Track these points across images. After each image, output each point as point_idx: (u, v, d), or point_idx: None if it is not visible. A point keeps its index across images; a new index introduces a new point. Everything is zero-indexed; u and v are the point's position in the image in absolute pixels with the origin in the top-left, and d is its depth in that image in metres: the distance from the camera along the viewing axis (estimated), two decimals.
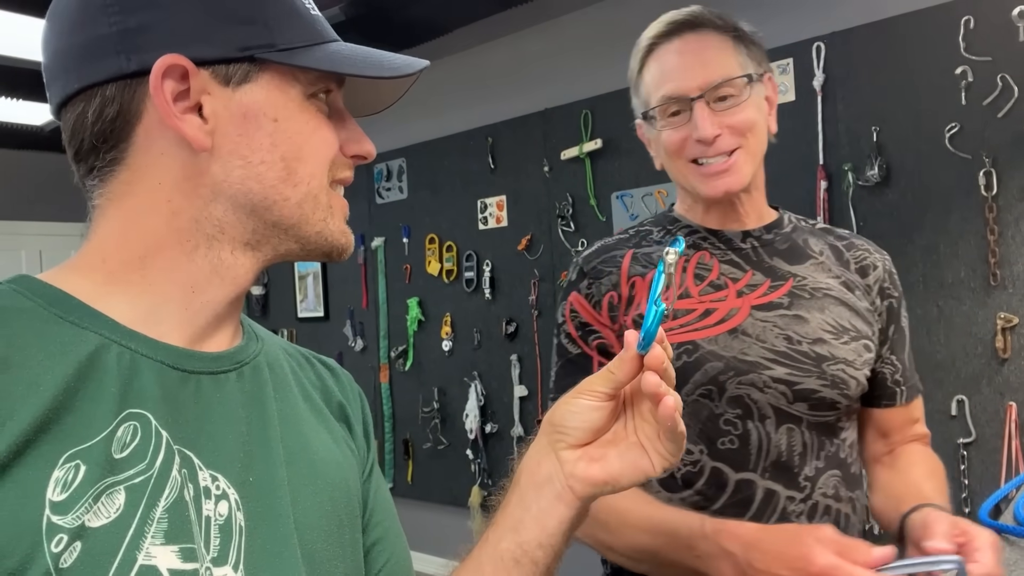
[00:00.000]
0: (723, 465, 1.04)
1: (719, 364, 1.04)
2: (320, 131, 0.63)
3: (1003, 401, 2.23)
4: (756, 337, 1.06)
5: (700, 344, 1.06)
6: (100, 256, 0.60)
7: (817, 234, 1.19)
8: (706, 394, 1.05)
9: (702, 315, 1.08)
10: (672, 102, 1.08)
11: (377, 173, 3.94)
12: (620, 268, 1.15)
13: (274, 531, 0.60)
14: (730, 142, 1.06)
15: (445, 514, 3.70)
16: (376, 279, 3.97)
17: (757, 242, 1.14)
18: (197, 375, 0.60)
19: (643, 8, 3.02)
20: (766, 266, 1.12)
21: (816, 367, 1.05)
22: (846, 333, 1.08)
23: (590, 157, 3.11)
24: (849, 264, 1.15)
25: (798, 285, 1.10)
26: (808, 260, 1.13)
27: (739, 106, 1.07)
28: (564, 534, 0.68)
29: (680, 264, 1.10)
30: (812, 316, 1.08)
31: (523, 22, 3.32)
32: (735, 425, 1.04)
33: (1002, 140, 2.23)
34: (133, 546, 0.51)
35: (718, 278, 1.11)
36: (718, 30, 1.10)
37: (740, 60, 1.09)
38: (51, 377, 0.52)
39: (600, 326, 1.13)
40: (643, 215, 2.95)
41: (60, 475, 0.50)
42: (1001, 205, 2.23)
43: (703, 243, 1.14)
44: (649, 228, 1.21)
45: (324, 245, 0.65)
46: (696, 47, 1.09)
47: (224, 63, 0.59)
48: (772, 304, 1.09)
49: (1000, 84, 2.22)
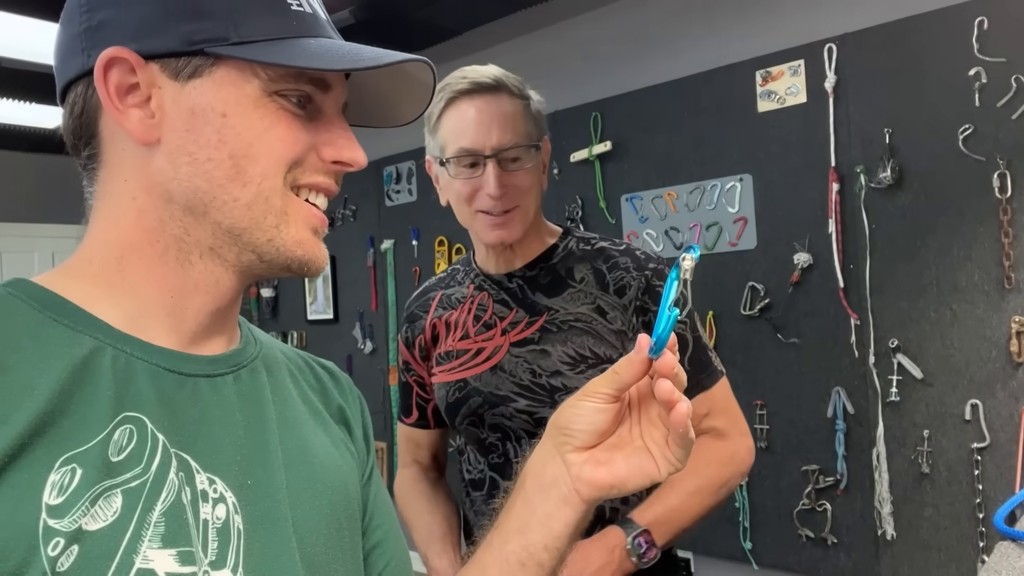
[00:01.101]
0: (495, 475, 1.27)
1: (479, 399, 1.24)
2: (276, 129, 0.59)
3: (1018, 405, 2.20)
4: (510, 372, 1.23)
5: (468, 381, 1.26)
6: (87, 258, 0.61)
7: (589, 257, 1.28)
8: (473, 422, 1.25)
9: (475, 354, 1.27)
10: (468, 155, 1.20)
11: (387, 176, 3.95)
12: (428, 313, 1.37)
13: (273, 534, 0.59)
14: (513, 200, 1.20)
15: None
16: (385, 281, 3.97)
17: (522, 280, 1.29)
18: (194, 378, 0.60)
19: (652, 10, 3.01)
20: (528, 302, 1.26)
21: (550, 397, 1.19)
22: (584, 362, 1.20)
23: (599, 159, 3.10)
24: (608, 286, 1.24)
25: (550, 319, 1.24)
26: (566, 290, 1.25)
27: (523, 171, 1.21)
28: (569, 537, 0.67)
29: (466, 307, 1.32)
30: (555, 349, 1.21)
31: (532, 24, 3.31)
32: (497, 447, 1.26)
33: (1016, 142, 2.20)
34: (130, 549, 0.51)
35: (490, 318, 1.28)
36: (513, 97, 1.23)
37: (528, 129, 1.22)
38: (46, 380, 0.52)
39: (415, 364, 1.38)
40: (652, 217, 2.93)
41: (56, 479, 0.50)
42: (1015, 207, 2.21)
43: (485, 285, 1.31)
44: (458, 268, 1.40)
45: (278, 256, 0.61)
46: (496, 110, 1.20)
47: (174, 56, 0.57)
48: (525, 340, 1.24)
49: (1014, 85, 2.19)
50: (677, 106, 2.87)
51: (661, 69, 2.95)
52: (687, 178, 2.83)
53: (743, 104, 2.68)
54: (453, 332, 1.31)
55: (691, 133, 2.83)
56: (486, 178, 1.19)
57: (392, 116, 0.70)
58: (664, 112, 2.90)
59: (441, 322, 1.33)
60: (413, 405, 1.42)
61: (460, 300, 1.34)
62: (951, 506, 2.30)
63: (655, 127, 2.93)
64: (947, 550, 2.30)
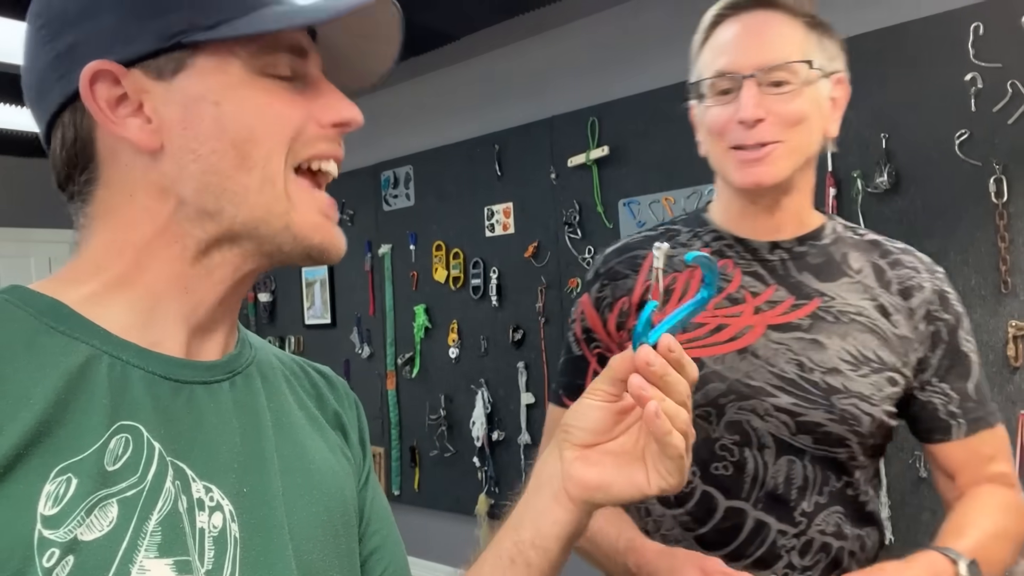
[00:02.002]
0: (714, 490, 1.00)
1: (721, 386, 0.99)
2: (273, 106, 0.58)
3: (1015, 410, 2.20)
4: (766, 360, 0.99)
5: (705, 362, 1.00)
6: (94, 266, 0.60)
7: (862, 247, 1.08)
8: (704, 415, 0.99)
9: (713, 330, 1.02)
10: (723, 78, 0.99)
11: (384, 180, 3.94)
12: (638, 272, 1.08)
13: (269, 542, 0.59)
14: (772, 132, 0.97)
15: (451, 522, 3.69)
16: (383, 286, 3.96)
17: (787, 254, 1.05)
18: (190, 385, 0.60)
19: (649, 15, 3.02)
20: (792, 281, 1.04)
21: (825, 399, 0.97)
22: (867, 364, 0.99)
23: (597, 164, 3.10)
24: (890, 284, 1.04)
25: (824, 306, 1.02)
26: (842, 278, 1.04)
27: (791, 94, 0.97)
28: (558, 538, 0.65)
29: (699, 273, 1.04)
30: (831, 342, 1.00)
31: (530, 30, 3.31)
32: (731, 452, 1.00)
33: (1012, 147, 2.21)
34: (127, 560, 0.51)
35: (737, 291, 1.03)
36: (790, 13, 1.01)
37: (806, 48, 1.00)
38: (41, 390, 0.51)
39: (603, 335, 1.10)
40: (650, 222, 2.93)
41: (51, 489, 0.49)
42: (1012, 212, 2.21)
43: (727, 251, 1.07)
44: (678, 228, 1.13)
45: (296, 245, 0.60)
46: (760, 25, 1.00)
47: (153, 57, 0.57)
48: (790, 325, 1.01)
49: (1010, 91, 2.20)
50: (674, 111, 2.87)
51: (658, 74, 2.95)
52: (684, 183, 2.84)
53: None
54: (676, 300, 1.05)
55: (688, 138, 2.80)
56: (740, 99, 0.97)
57: (361, 76, 0.69)
58: (661, 117, 2.90)
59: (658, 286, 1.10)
60: (586, 384, 1.12)
61: (687, 263, 1.13)
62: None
63: (652, 132, 2.94)
64: None
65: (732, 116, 0.98)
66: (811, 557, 1.00)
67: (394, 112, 3.90)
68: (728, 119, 0.99)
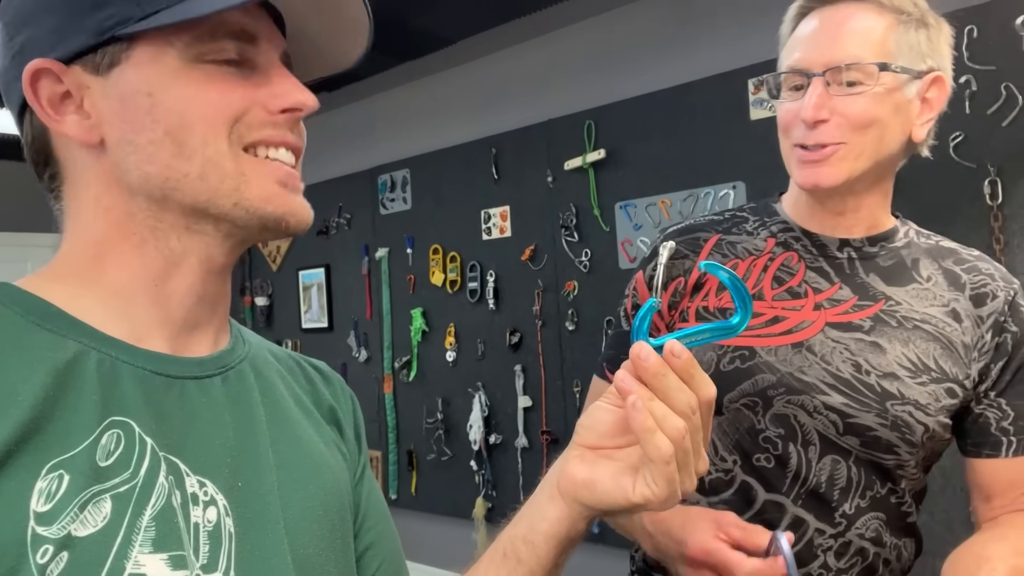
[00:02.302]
0: (754, 481, 0.99)
1: (771, 377, 0.97)
2: (205, 92, 0.58)
3: None
4: (821, 357, 0.97)
5: (757, 351, 0.98)
6: (67, 262, 0.61)
7: (934, 253, 1.05)
8: (750, 405, 0.98)
9: (769, 321, 1.00)
10: (795, 74, 0.97)
11: (381, 184, 3.95)
12: (699, 253, 1.05)
13: (264, 537, 0.59)
14: (835, 133, 0.94)
15: (449, 526, 3.68)
16: (380, 290, 3.96)
17: (856, 253, 1.03)
18: (181, 380, 0.60)
19: (646, 20, 3.03)
20: (858, 282, 1.01)
21: (878, 403, 0.95)
22: (927, 373, 0.96)
23: (593, 167, 3.10)
24: (964, 289, 1.01)
25: (888, 309, 0.99)
26: (911, 284, 1.01)
27: (862, 96, 0.93)
28: (547, 535, 0.64)
29: (761, 263, 1.03)
30: (892, 347, 0.97)
31: (526, 33, 3.32)
32: (775, 445, 0.98)
33: (1007, 149, 2.21)
34: (121, 555, 0.51)
35: (799, 285, 1.01)
36: (879, 7, 0.96)
37: (888, 47, 0.94)
38: (30, 386, 0.51)
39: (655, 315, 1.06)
40: (647, 225, 2.94)
41: (43, 486, 0.49)
42: (1007, 214, 2.22)
43: (794, 243, 1.04)
44: (745, 215, 1.10)
45: (251, 218, 0.59)
46: (839, 21, 0.95)
47: (91, 52, 0.57)
48: (851, 324, 0.98)
49: (1004, 93, 2.21)
50: (670, 114, 2.89)
51: (654, 77, 2.96)
52: (681, 185, 2.84)
53: (736, 112, 2.69)
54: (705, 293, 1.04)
55: (684, 141, 2.84)
56: (804, 98, 0.94)
57: (336, 61, 0.68)
58: (657, 120, 2.91)
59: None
60: None
61: (751, 252, 1.05)
62: (945, 512, 2.30)
63: (649, 135, 2.95)
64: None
65: (798, 113, 0.96)
66: (847, 560, 0.98)
67: (391, 116, 3.90)
68: (794, 116, 0.97)
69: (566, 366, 3.17)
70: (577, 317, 3.12)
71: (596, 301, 3.02)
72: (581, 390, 3.10)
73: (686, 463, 0.59)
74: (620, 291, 1.15)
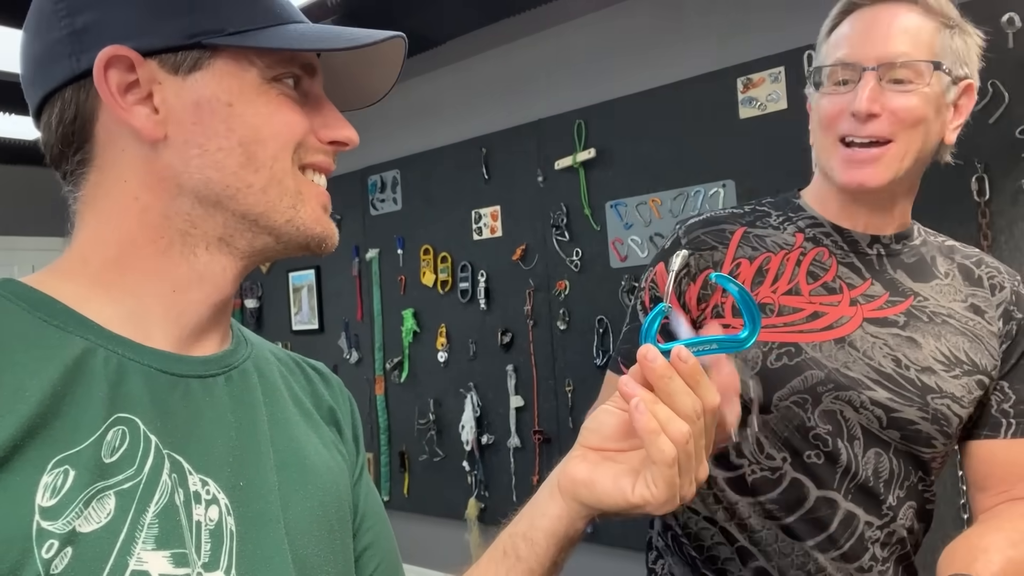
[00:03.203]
0: (805, 479, 0.98)
1: (820, 373, 0.97)
2: (281, 113, 0.61)
3: None
4: (863, 352, 0.98)
5: (803, 348, 0.98)
6: (81, 259, 0.60)
7: (945, 251, 1.09)
8: (800, 402, 0.97)
9: (809, 316, 1.00)
10: (843, 68, 0.97)
11: (371, 185, 3.94)
12: (728, 245, 1.04)
13: (265, 536, 0.59)
14: (886, 129, 0.94)
15: (441, 527, 3.68)
16: (371, 291, 3.96)
17: (884, 250, 1.04)
18: (186, 379, 0.60)
19: (635, 19, 3.04)
20: (887, 278, 1.03)
21: (920, 397, 0.96)
22: (959, 366, 0.98)
23: (584, 167, 3.11)
24: (982, 281, 1.04)
25: (918, 305, 1.01)
26: (933, 280, 1.04)
27: (912, 93, 0.94)
28: (546, 532, 0.65)
29: (794, 257, 1.03)
30: (926, 342, 0.99)
31: (515, 33, 3.33)
32: (824, 441, 0.98)
33: (993, 146, 2.24)
34: (124, 551, 0.51)
35: (833, 280, 1.02)
36: (925, 10, 0.98)
37: (935, 48, 0.97)
38: (37, 382, 0.52)
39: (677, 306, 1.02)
40: (637, 224, 2.95)
41: (49, 480, 0.49)
42: (994, 211, 2.24)
43: (824, 239, 1.04)
44: (768, 210, 1.10)
45: (298, 236, 0.63)
46: (890, 18, 0.96)
47: (172, 51, 0.58)
48: (887, 320, 0.99)
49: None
50: (660, 113, 2.90)
51: (644, 76, 2.97)
52: (671, 184, 2.85)
53: (725, 111, 2.71)
54: (771, 281, 1.02)
55: (674, 140, 2.85)
56: (857, 90, 0.93)
57: (360, 97, 0.72)
58: (647, 119, 2.92)
59: (750, 264, 1.02)
60: None
61: (781, 247, 1.05)
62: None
63: (638, 134, 2.96)
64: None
65: (846, 107, 0.95)
66: (889, 549, 1.00)
67: (381, 117, 3.90)
68: (841, 110, 0.96)
69: (558, 365, 3.18)
70: (568, 316, 3.12)
71: (587, 300, 3.03)
72: (573, 389, 3.11)
73: (688, 467, 0.60)
74: (612, 290, 1.15)
